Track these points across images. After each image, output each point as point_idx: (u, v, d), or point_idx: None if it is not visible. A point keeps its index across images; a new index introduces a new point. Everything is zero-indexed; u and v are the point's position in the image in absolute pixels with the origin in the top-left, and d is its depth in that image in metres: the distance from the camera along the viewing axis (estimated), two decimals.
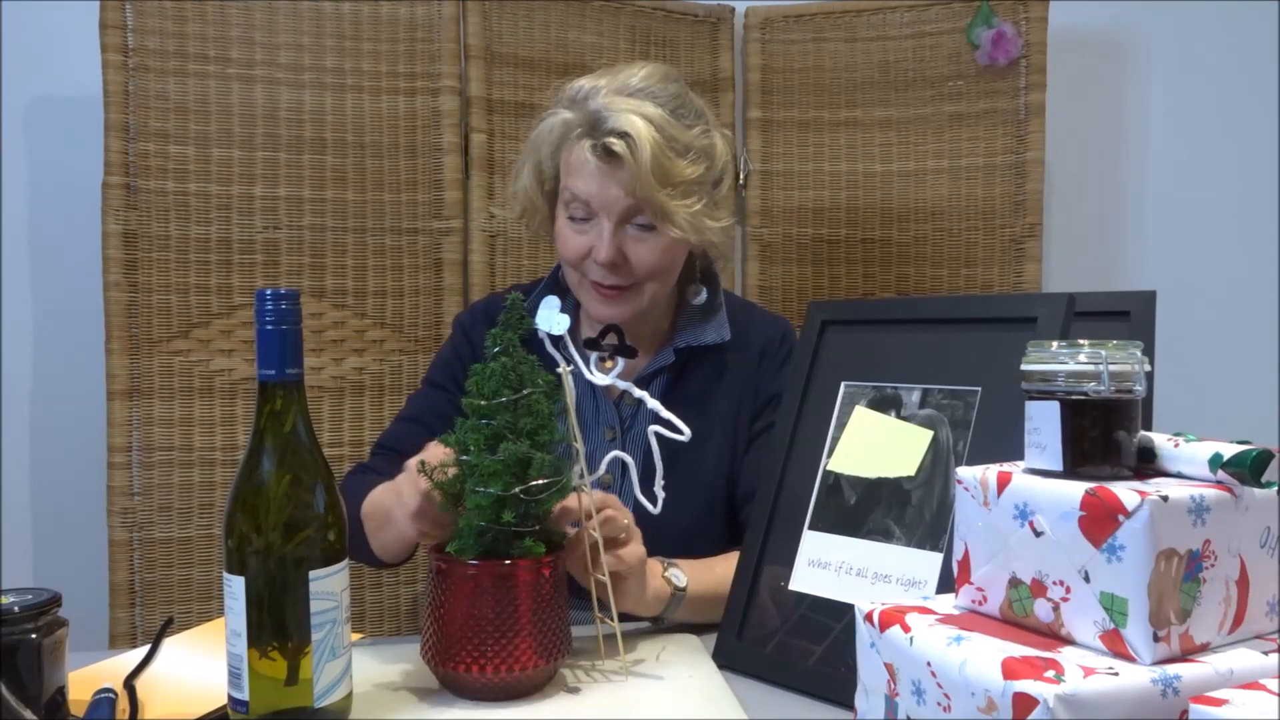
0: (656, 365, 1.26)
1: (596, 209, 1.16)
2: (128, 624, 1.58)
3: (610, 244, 1.16)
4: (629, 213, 1.16)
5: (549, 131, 1.19)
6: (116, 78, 1.56)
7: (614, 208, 1.15)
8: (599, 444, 1.24)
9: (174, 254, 1.60)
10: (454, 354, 1.30)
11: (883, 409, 1.01)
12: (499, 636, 0.88)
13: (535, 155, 1.22)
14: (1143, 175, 2.09)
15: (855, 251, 1.90)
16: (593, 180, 1.15)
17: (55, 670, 0.80)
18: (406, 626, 1.74)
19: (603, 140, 1.13)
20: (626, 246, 1.17)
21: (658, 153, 1.12)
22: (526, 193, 1.24)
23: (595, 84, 1.17)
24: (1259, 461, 0.65)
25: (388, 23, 1.69)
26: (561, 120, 1.18)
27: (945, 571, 0.89)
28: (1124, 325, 1.01)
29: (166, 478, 1.60)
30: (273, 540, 0.80)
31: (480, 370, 0.92)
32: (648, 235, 1.18)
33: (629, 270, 1.18)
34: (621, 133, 1.12)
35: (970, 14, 1.82)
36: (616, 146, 1.12)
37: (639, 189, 1.13)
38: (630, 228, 1.17)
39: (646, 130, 1.12)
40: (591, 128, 1.14)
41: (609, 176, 1.14)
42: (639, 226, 1.17)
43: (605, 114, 1.13)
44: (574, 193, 1.17)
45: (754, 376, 1.28)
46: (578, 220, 1.18)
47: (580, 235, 1.19)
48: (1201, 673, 0.62)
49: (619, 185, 1.14)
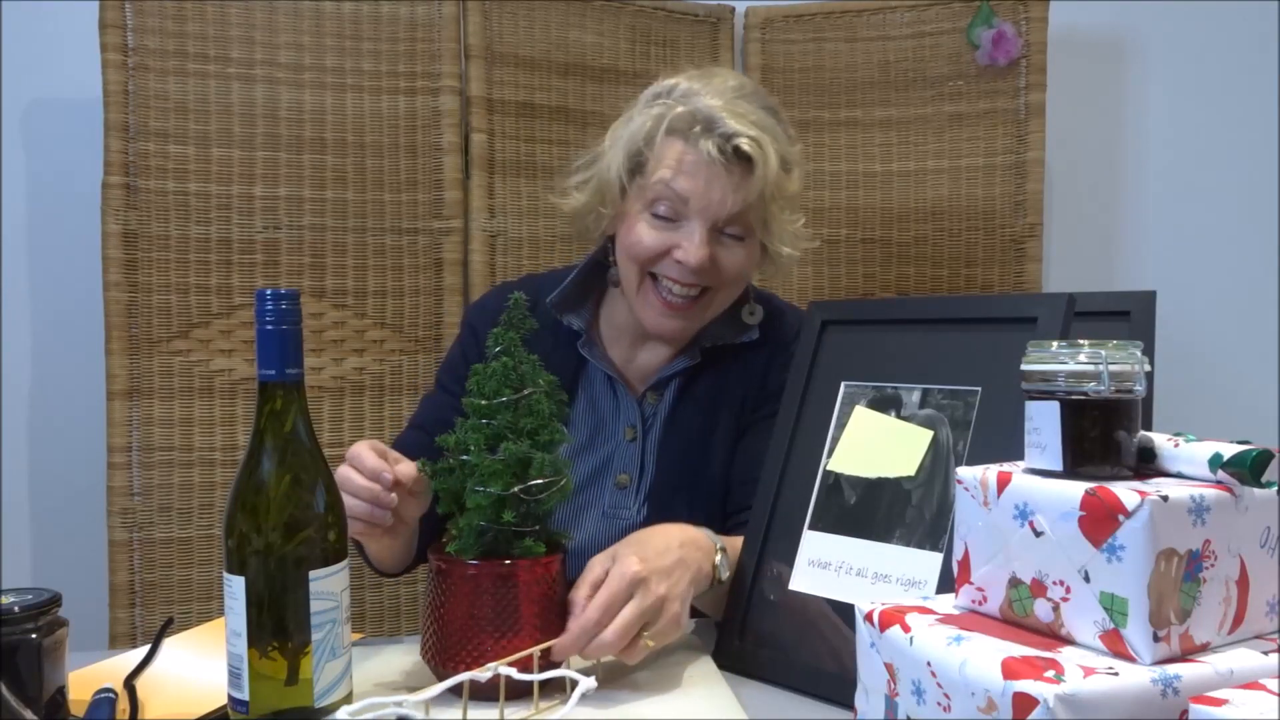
0: (682, 366, 1.24)
1: (694, 212, 1.11)
2: (128, 624, 1.58)
3: (703, 247, 1.11)
4: (727, 221, 1.12)
5: (657, 122, 1.13)
6: (116, 77, 1.56)
7: (717, 213, 1.11)
8: (619, 443, 1.23)
9: (174, 254, 1.60)
10: (461, 356, 1.28)
11: (883, 409, 1.01)
12: (499, 636, 0.88)
13: (632, 144, 1.14)
14: (1143, 175, 2.09)
15: (855, 251, 1.90)
16: (699, 180, 1.10)
17: (55, 670, 0.80)
18: (406, 626, 1.74)
19: (733, 141, 1.09)
20: (715, 253, 1.13)
21: (779, 163, 1.10)
22: (617, 180, 1.15)
23: (691, 85, 1.14)
24: (1259, 461, 0.65)
25: (388, 22, 1.69)
26: (670, 113, 1.12)
27: (945, 571, 0.89)
28: (1124, 325, 1.01)
29: (166, 478, 1.60)
30: (273, 540, 0.80)
31: (481, 370, 0.92)
32: (735, 244, 1.14)
33: (712, 275, 1.14)
34: (753, 136, 1.09)
35: (970, 14, 1.82)
36: (749, 148, 1.08)
37: (758, 198, 1.10)
38: (720, 235, 1.13)
39: (770, 139, 1.10)
40: (711, 126, 1.09)
41: (723, 180, 1.10)
42: (729, 236, 1.14)
43: (725, 116, 1.09)
44: (676, 190, 1.11)
45: (763, 370, 1.25)
46: (661, 218, 1.13)
47: (660, 233, 1.13)
48: (1201, 673, 0.62)
49: (731, 190, 1.10)
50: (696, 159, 1.10)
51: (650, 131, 1.13)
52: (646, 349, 1.26)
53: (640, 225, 1.14)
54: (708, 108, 1.10)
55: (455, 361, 1.29)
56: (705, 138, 1.09)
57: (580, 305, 1.24)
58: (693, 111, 1.11)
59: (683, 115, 1.11)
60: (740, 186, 1.10)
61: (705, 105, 1.10)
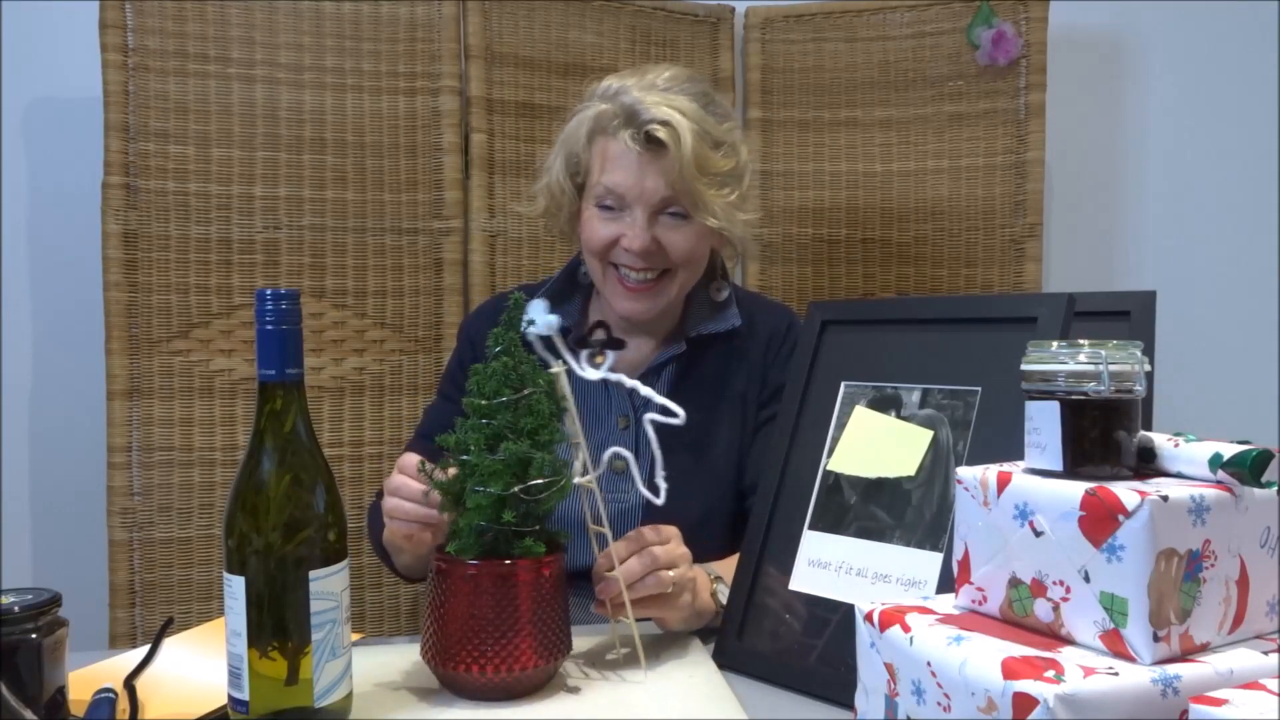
0: (669, 354, 1.28)
1: (631, 200, 1.18)
2: (128, 624, 1.57)
3: (644, 232, 1.18)
4: (663, 203, 1.19)
5: (582, 124, 1.21)
6: (116, 77, 1.56)
7: (650, 198, 1.18)
8: (612, 432, 1.26)
9: (174, 254, 1.60)
10: (458, 364, 1.33)
11: (883, 409, 1.01)
12: (499, 636, 0.88)
13: (568, 148, 1.24)
14: (1143, 175, 2.09)
15: (855, 251, 1.90)
16: (630, 171, 1.17)
17: (55, 670, 0.80)
18: (406, 626, 1.74)
19: (645, 128, 1.15)
20: (659, 235, 1.20)
21: (696, 143, 1.15)
22: (558, 184, 1.25)
23: (623, 83, 1.20)
24: (1259, 461, 0.65)
25: (388, 22, 1.69)
26: (595, 113, 1.20)
27: (945, 571, 0.89)
28: (1124, 325, 1.01)
29: (166, 478, 1.60)
30: (273, 540, 0.80)
31: (481, 370, 0.92)
32: (680, 224, 1.20)
33: (661, 258, 1.20)
34: (663, 120, 1.14)
35: (970, 14, 1.82)
36: (660, 133, 1.14)
37: (679, 177, 1.16)
38: (663, 217, 1.20)
39: (685, 120, 1.15)
40: (629, 119, 1.16)
41: (648, 166, 1.16)
42: (671, 215, 1.20)
43: (642, 106, 1.16)
44: (607, 186, 1.19)
45: (762, 363, 1.30)
46: (607, 209, 1.20)
47: (609, 224, 1.20)
48: (1201, 673, 0.62)
49: (657, 175, 1.17)
50: (621, 151, 1.18)
51: (581, 134, 1.22)
52: (633, 343, 1.30)
53: (592, 220, 1.22)
54: (630, 101, 1.17)
55: (454, 370, 1.34)
56: (624, 129, 1.17)
57: (566, 303, 1.30)
58: (614, 108, 1.18)
59: (605, 113, 1.19)
60: (665, 170, 1.17)
61: (626, 100, 1.17)
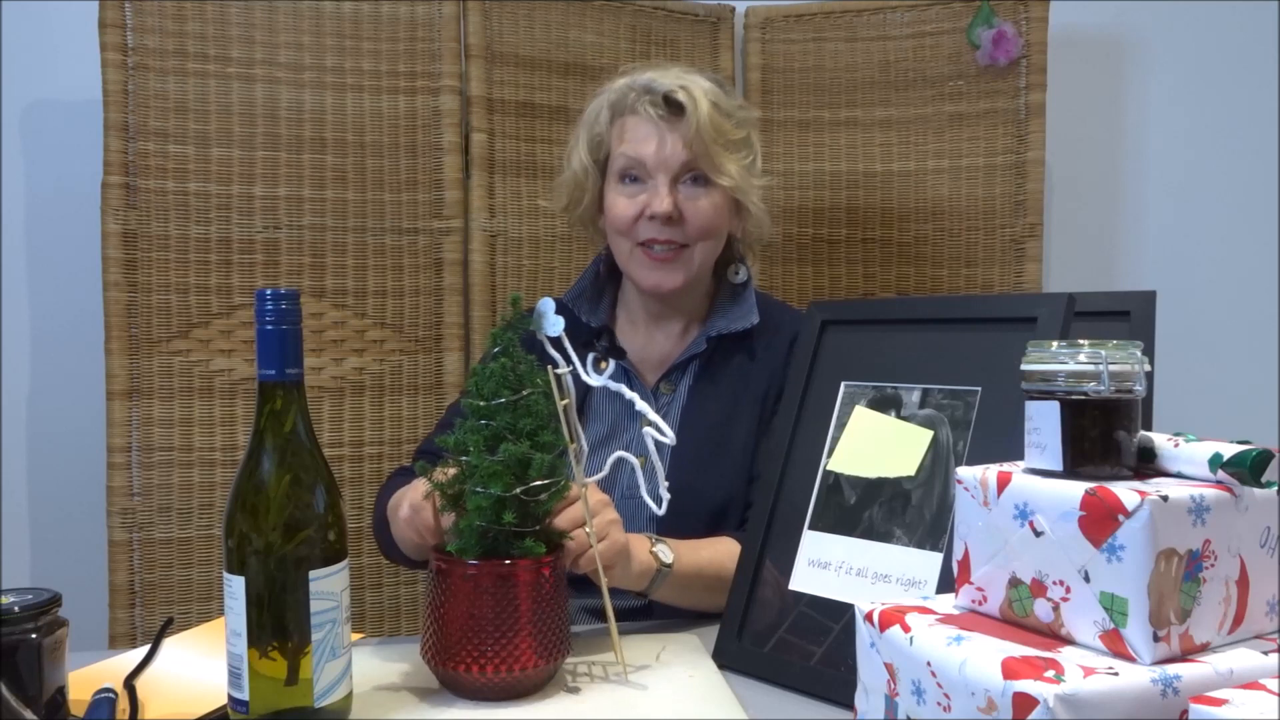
0: (690, 353, 1.31)
1: (653, 169, 1.25)
2: (128, 624, 1.57)
3: (668, 197, 1.24)
4: (684, 168, 1.25)
5: (602, 107, 1.29)
6: (116, 77, 1.56)
7: (671, 163, 1.24)
8: (639, 430, 1.28)
9: (174, 254, 1.60)
10: None
11: (883, 409, 1.01)
12: (499, 636, 0.88)
13: (590, 130, 1.31)
14: (1143, 175, 2.09)
15: (855, 251, 1.90)
16: (651, 139, 1.24)
17: (55, 670, 0.80)
18: (406, 626, 1.73)
19: (664, 93, 1.23)
20: (681, 204, 1.25)
21: (711, 108, 1.23)
22: (581, 166, 1.31)
23: (637, 73, 1.28)
24: (1259, 461, 0.65)
25: (388, 22, 1.69)
26: (615, 94, 1.28)
27: (945, 571, 0.89)
28: (1124, 325, 1.01)
29: (166, 478, 1.60)
30: (273, 540, 0.80)
31: (480, 371, 0.92)
32: (700, 192, 1.26)
33: (683, 228, 1.25)
34: (681, 85, 1.23)
35: (970, 14, 1.81)
36: (679, 95, 1.22)
37: (696, 137, 1.22)
38: (684, 185, 1.26)
39: (700, 89, 1.24)
40: (648, 90, 1.25)
41: (667, 133, 1.24)
42: (692, 181, 1.26)
43: (659, 80, 1.25)
44: (630, 156, 1.26)
45: (782, 360, 1.30)
46: (630, 183, 1.27)
47: (633, 199, 1.26)
48: (1201, 673, 0.62)
49: (677, 140, 1.23)
50: (642, 122, 1.25)
51: (602, 115, 1.29)
52: (659, 336, 1.34)
53: (615, 197, 1.28)
54: (645, 79, 1.26)
55: None
56: (642, 100, 1.25)
57: (596, 303, 1.35)
58: (633, 85, 1.27)
59: (624, 91, 1.28)
60: (683, 134, 1.24)
61: (643, 79, 1.26)
